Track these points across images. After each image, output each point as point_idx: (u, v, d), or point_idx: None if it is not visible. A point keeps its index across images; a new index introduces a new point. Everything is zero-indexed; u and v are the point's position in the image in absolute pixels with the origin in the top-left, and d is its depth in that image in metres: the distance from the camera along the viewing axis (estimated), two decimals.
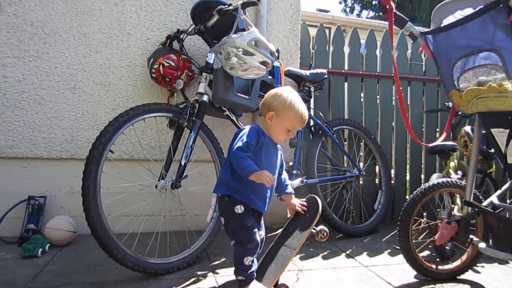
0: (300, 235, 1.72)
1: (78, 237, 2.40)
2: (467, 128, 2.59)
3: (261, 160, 1.61)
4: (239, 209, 1.60)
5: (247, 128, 1.65)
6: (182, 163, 2.05)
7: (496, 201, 1.84)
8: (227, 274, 1.94)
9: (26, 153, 2.49)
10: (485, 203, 1.84)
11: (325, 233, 1.78)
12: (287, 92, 1.67)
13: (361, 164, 3.13)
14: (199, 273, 1.96)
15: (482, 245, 1.68)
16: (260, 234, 1.67)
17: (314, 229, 1.76)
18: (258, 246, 1.63)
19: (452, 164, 2.64)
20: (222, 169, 1.70)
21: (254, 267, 1.60)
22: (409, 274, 2.00)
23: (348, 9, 22.05)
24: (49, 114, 2.52)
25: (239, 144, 1.56)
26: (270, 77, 2.50)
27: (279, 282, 1.68)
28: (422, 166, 3.41)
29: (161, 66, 2.35)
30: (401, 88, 1.95)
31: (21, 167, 2.51)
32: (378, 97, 3.33)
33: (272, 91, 1.70)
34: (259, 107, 1.71)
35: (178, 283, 1.82)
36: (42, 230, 2.34)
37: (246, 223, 1.59)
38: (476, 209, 1.80)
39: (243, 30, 2.11)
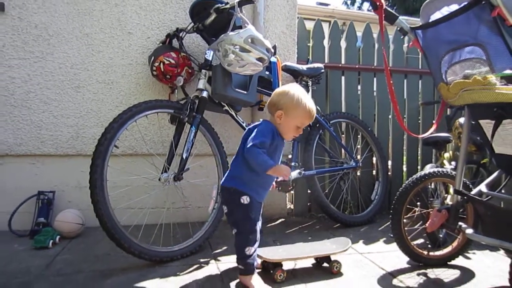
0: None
1: (86, 230, 2.50)
2: (462, 120, 2.66)
3: (274, 158, 1.68)
4: (245, 200, 1.67)
5: (262, 126, 1.69)
6: (184, 157, 2.14)
7: (484, 190, 1.92)
8: (229, 261, 2.04)
9: (35, 150, 2.59)
10: (473, 191, 1.92)
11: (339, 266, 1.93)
12: (294, 89, 1.70)
13: (359, 157, 3.21)
14: (201, 260, 2.06)
15: (469, 231, 1.77)
16: (259, 225, 1.76)
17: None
18: (257, 237, 1.72)
19: (446, 155, 2.71)
20: (233, 163, 1.75)
21: (255, 258, 1.71)
22: (402, 261, 2.09)
23: (349, 2, 21.97)
24: (55, 113, 2.62)
25: (255, 141, 1.60)
26: (267, 72, 2.58)
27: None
28: (419, 157, 3.49)
29: (161, 64, 2.43)
30: (393, 81, 2.03)
31: (30, 164, 2.61)
32: (375, 90, 3.40)
33: (278, 90, 1.75)
34: (267, 106, 1.75)
35: (182, 269, 1.92)
36: (52, 223, 2.45)
37: (250, 215, 1.69)
38: (465, 198, 1.88)
39: (240, 27, 2.19)
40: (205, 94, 2.26)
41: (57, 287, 1.71)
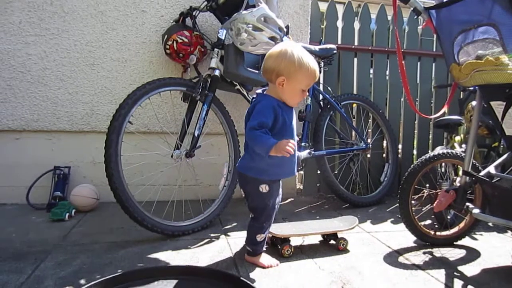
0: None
1: (100, 204, 2.58)
2: (474, 103, 2.64)
3: (285, 132, 1.57)
4: (264, 188, 1.63)
5: (260, 105, 1.54)
6: (196, 134, 2.18)
7: (493, 171, 1.93)
8: (238, 236, 2.09)
9: (51, 126, 2.66)
10: (482, 173, 1.93)
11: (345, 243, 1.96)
12: (291, 48, 1.53)
13: (369, 140, 3.22)
14: (212, 235, 2.12)
15: (476, 211, 1.79)
16: (277, 201, 1.75)
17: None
18: (271, 222, 1.74)
19: (457, 138, 2.71)
20: (246, 148, 1.68)
21: (264, 244, 1.73)
22: (409, 240, 2.12)
23: None
24: (70, 90, 2.67)
25: (253, 123, 1.48)
26: None
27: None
28: (430, 141, 3.49)
29: (175, 42, 2.46)
30: (406, 64, 2.02)
31: (47, 140, 2.68)
32: (387, 74, 3.38)
33: (273, 52, 1.56)
34: (262, 74, 1.61)
35: (193, 243, 1.99)
36: (67, 197, 2.53)
37: (268, 203, 1.66)
38: (474, 179, 1.89)
39: (253, 6, 2.20)
40: (217, 73, 2.28)
41: (74, 255, 1.78)
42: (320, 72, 2.88)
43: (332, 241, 2.01)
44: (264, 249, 1.78)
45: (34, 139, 2.66)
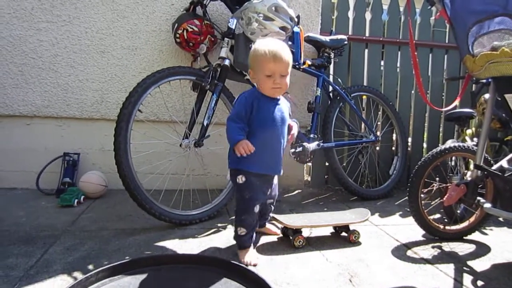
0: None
1: (108, 191, 2.60)
2: (487, 96, 2.60)
3: (266, 122, 1.61)
4: (240, 179, 1.63)
5: (240, 97, 1.64)
6: (205, 124, 2.18)
7: (506, 165, 1.90)
8: None
9: (61, 112, 2.67)
10: (494, 166, 1.90)
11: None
12: (256, 44, 1.62)
13: (378, 133, 3.19)
14: (219, 225, 2.12)
15: (487, 205, 1.77)
16: (270, 198, 1.78)
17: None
18: (255, 220, 1.69)
19: (469, 131, 2.67)
20: None
21: (248, 239, 1.67)
22: (417, 233, 2.11)
23: None
24: (80, 77, 2.68)
25: (230, 115, 1.60)
26: (290, 42, 2.55)
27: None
28: (440, 135, 3.45)
29: (185, 31, 2.44)
30: (418, 55, 1.99)
31: (57, 126, 2.70)
32: (398, 66, 3.34)
33: None
34: None
35: (200, 232, 1.99)
36: (76, 184, 2.55)
37: (244, 195, 1.64)
38: (485, 173, 1.87)
39: None
40: (227, 62, 2.27)
41: (82, 241, 1.80)
42: (330, 63, 2.86)
43: (343, 233, 2.01)
44: (276, 239, 1.77)
45: (45, 125, 2.68)
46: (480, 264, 1.74)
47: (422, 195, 2.03)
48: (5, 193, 2.54)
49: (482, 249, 1.94)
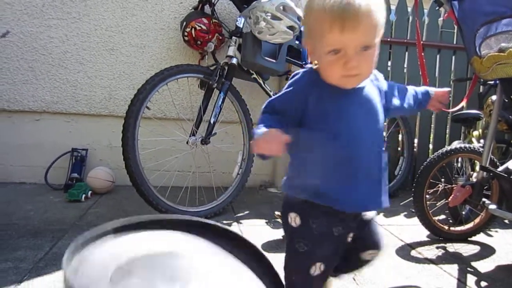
0: None
1: (115, 187, 2.63)
2: (494, 98, 2.59)
3: (335, 126, 0.92)
4: (294, 220, 0.97)
5: (290, 80, 0.98)
6: (211, 121, 2.20)
7: (511, 167, 1.90)
8: (250, 224, 2.12)
9: (70, 109, 2.71)
10: (500, 168, 1.90)
11: None
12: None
13: (384, 133, 3.18)
14: (224, 222, 2.14)
15: (492, 206, 1.77)
16: (368, 248, 1.06)
17: None
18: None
19: (475, 133, 2.67)
20: None
21: None
22: (422, 234, 2.11)
23: None
24: (89, 73, 2.71)
25: (267, 104, 0.99)
26: (297, 42, 2.57)
27: None
28: (447, 136, 3.44)
29: (193, 29, 2.46)
30: (425, 56, 1.99)
31: (65, 122, 2.73)
32: (405, 66, 3.33)
33: None
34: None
35: None
36: (84, 179, 2.58)
37: (297, 247, 0.96)
38: (491, 174, 1.87)
39: None
40: (234, 61, 2.29)
41: None
42: None
43: None
44: (281, 237, 1.77)
45: (53, 120, 2.72)
46: (484, 265, 1.75)
47: (427, 196, 2.03)
48: (14, 188, 2.58)
49: (487, 251, 1.94)
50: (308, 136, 0.94)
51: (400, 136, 3.25)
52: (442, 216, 2.42)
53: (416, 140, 3.36)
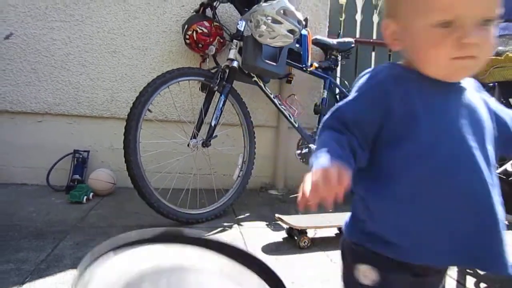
0: None
1: (117, 189, 2.64)
2: None
3: (431, 141, 0.66)
4: (365, 275, 0.71)
5: (360, 80, 0.76)
6: (212, 124, 2.22)
7: (510, 169, 1.91)
8: (251, 226, 2.13)
9: (72, 110, 2.72)
10: (499, 170, 1.91)
11: None
12: None
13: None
14: (225, 224, 2.16)
15: None
16: None
17: None
18: None
19: None
20: None
21: None
22: None
23: None
24: (92, 76, 2.73)
25: (329, 114, 0.74)
26: (297, 45, 2.59)
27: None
28: None
29: (194, 32, 2.48)
30: None
31: (67, 124, 2.75)
32: None
33: None
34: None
35: (206, 231, 2.02)
36: (86, 181, 2.60)
37: None
38: None
39: None
40: (235, 64, 2.30)
41: (91, 237, 1.84)
42: (337, 66, 2.89)
43: None
44: (281, 239, 1.78)
45: (55, 122, 2.74)
46: None
47: None
48: (16, 189, 2.60)
49: None
50: (392, 156, 0.68)
51: None
52: None
53: None
